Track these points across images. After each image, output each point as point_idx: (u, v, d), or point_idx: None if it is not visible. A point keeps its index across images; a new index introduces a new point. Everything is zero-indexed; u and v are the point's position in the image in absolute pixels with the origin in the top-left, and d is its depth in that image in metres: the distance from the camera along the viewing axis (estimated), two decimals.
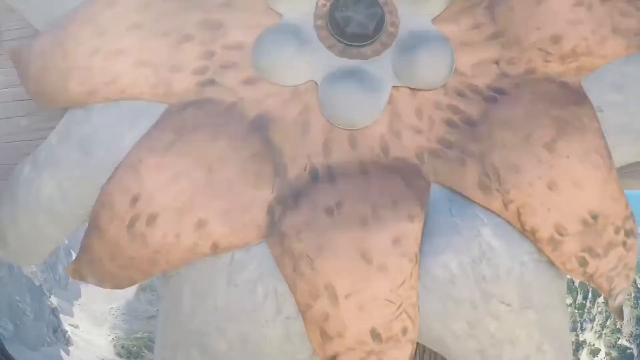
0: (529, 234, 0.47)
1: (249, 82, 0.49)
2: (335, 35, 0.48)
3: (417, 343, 0.49)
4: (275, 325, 0.46)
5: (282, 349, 0.48)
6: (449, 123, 0.47)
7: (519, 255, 0.47)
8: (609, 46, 0.50)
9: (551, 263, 0.49)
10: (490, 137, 0.47)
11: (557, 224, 0.46)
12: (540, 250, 0.48)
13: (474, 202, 0.47)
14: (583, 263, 0.49)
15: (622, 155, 0.53)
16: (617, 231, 0.50)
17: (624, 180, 0.59)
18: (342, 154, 0.47)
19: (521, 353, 0.51)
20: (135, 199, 0.46)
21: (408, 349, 0.46)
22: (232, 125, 0.47)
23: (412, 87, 0.49)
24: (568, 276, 0.56)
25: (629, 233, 0.51)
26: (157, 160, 0.46)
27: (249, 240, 0.46)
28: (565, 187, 0.46)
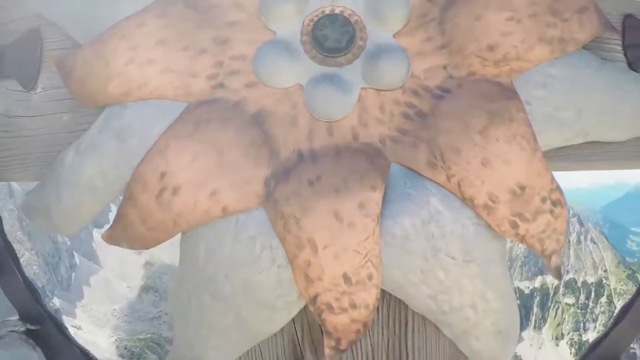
0: (468, 202, 0.60)
1: (250, 85, 0.62)
2: (317, 49, 0.62)
3: (383, 290, 0.62)
4: (270, 272, 0.60)
5: (275, 292, 0.61)
6: (406, 115, 0.61)
7: (461, 219, 0.61)
8: (536, 52, 0.63)
9: (489, 226, 0.62)
10: (437, 126, 0.60)
11: (490, 193, 0.60)
12: (478, 215, 0.61)
13: (424, 177, 0.60)
14: (514, 226, 0.62)
15: (549, 140, 0.66)
16: (543, 200, 0.62)
17: (560, 163, 0.73)
18: (322, 140, 0.61)
19: (468, 300, 0.64)
20: (163, 175, 0.60)
21: (373, 292, 0.59)
22: (237, 119, 0.61)
23: (376, 88, 0.62)
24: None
25: (555, 203, 0.64)
26: (180, 146, 0.60)
27: (250, 206, 0.59)
28: (496, 164, 0.59)
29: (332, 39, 0.61)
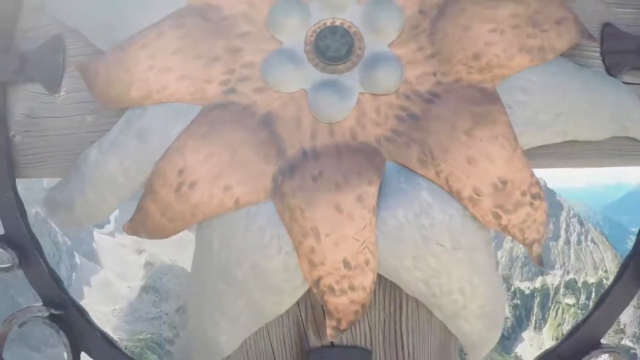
0: (455, 195, 0.67)
1: (259, 90, 0.69)
2: (319, 57, 0.68)
3: (379, 275, 0.69)
4: (278, 258, 0.66)
5: (282, 277, 0.68)
6: (399, 118, 0.68)
7: (449, 210, 0.67)
8: (516, 60, 0.70)
9: (474, 217, 0.69)
10: (427, 127, 0.67)
11: (475, 187, 0.66)
12: (464, 207, 0.68)
13: (415, 172, 0.67)
14: (497, 216, 0.68)
15: (530, 139, 0.72)
16: (523, 194, 0.69)
17: (541, 160, 0.79)
18: (324, 140, 0.67)
19: (456, 284, 0.70)
20: (181, 171, 0.67)
21: (370, 276, 0.66)
22: (247, 120, 0.68)
23: (373, 93, 0.68)
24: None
25: (535, 196, 0.70)
26: (196, 144, 0.67)
27: (259, 199, 0.66)
28: (480, 161, 0.66)
29: (333, 48, 0.68)
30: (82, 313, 0.85)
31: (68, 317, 0.84)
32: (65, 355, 0.87)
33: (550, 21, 0.71)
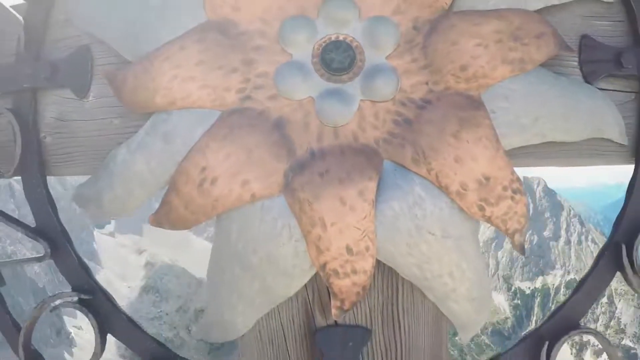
0: (444, 189, 0.76)
1: (272, 97, 0.78)
2: (324, 69, 0.77)
3: (377, 261, 0.78)
4: (288, 245, 0.76)
5: (292, 262, 0.77)
6: (395, 122, 0.77)
7: (439, 203, 0.76)
8: (499, 71, 0.79)
9: (461, 209, 0.78)
10: (420, 130, 0.76)
11: (462, 183, 0.76)
12: (453, 200, 0.77)
13: (409, 170, 0.76)
14: (481, 208, 0.77)
15: (511, 141, 0.81)
16: (505, 189, 0.78)
17: (523, 159, 0.88)
18: (329, 141, 0.77)
19: (446, 268, 0.80)
20: (203, 169, 0.76)
21: (370, 261, 0.75)
22: (262, 124, 0.77)
23: (372, 100, 0.77)
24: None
25: (515, 191, 0.79)
26: (217, 146, 0.76)
27: (273, 193, 0.75)
28: (466, 160, 0.75)
29: (337, 61, 0.77)
30: (109, 298, 0.94)
31: (96, 302, 0.93)
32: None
33: (531, 36, 0.80)
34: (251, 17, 0.81)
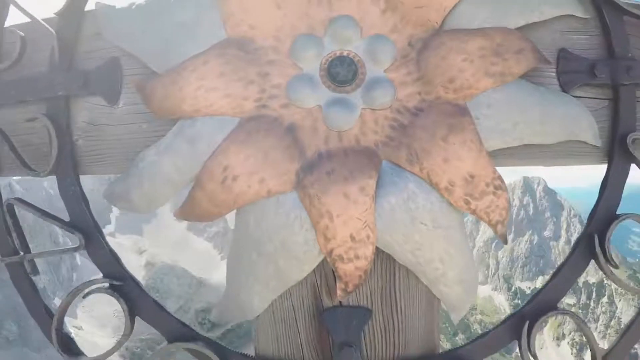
0: (434, 186, 0.88)
1: (284, 106, 0.90)
2: (330, 81, 0.89)
3: (377, 248, 0.90)
4: (300, 234, 0.88)
5: (303, 249, 0.89)
6: (392, 127, 0.89)
7: (430, 198, 0.88)
8: (482, 83, 0.91)
9: (450, 202, 0.90)
10: (413, 134, 0.88)
11: (450, 180, 0.88)
12: (442, 195, 0.89)
13: (404, 169, 0.88)
14: (467, 202, 0.89)
15: (494, 144, 0.91)
16: (487, 185, 0.90)
17: (505, 160, 1.00)
18: (335, 144, 0.89)
19: (437, 254, 0.91)
20: (225, 168, 0.88)
21: (370, 248, 0.87)
22: (276, 129, 0.89)
23: (372, 108, 0.89)
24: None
25: (497, 187, 0.91)
26: (237, 148, 0.88)
27: (286, 189, 0.87)
28: (453, 160, 0.87)
29: (342, 74, 0.89)
30: (138, 284, 1.06)
31: (126, 288, 1.05)
32: (123, 320, 1.07)
33: (511, 52, 0.92)
34: (266, 34, 0.92)
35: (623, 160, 1.02)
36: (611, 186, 1.04)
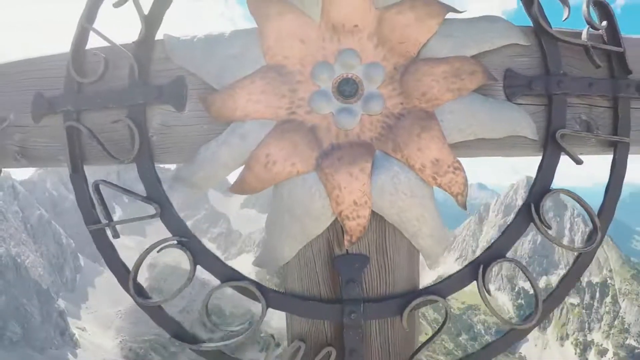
0: (411, 167, 1.30)
1: (308, 112, 1.33)
2: (339, 95, 1.32)
3: (373, 211, 1.33)
4: (319, 201, 1.30)
5: (320, 212, 1.31)
6: (382, 127, 1.32)
7: (409, 175, 1.30)
8: (445, 96, 1.33)
9: (422, 179, 1.33)
10: (397, 132, 1.31)
11: (422, 163, 1.30)
12: (417, 174, 1.32)
13: (391, 156, 1.31)
14: (434, 179, 1.32)
15: (453, 138, 1.34)
16: (448, 167, 1.32)
17: (464, 150, 1.43)
18: (343, 139, 1.31)
19: (414, 215, 1.33)
20: (267, 155, 1.31)
21: (368, 210, 1.30)
22: (302, 129, 1.32)
23: (368, 114, 1.32)
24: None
25: (456, 168, 1.33)
26: (275, 142, 1.30)
27: (309, 170, 1.30)
28: (425, 149, 1.30)
29: (347, 90, 1.32)
30: (199, 241, 1.49)
31: (190, 244, 1.47)
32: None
33: (466, 73, 1.35)
34: (294, 62, 1.36)
35: (554, 150, 1.44)
36: (545, 169, 1.45)
